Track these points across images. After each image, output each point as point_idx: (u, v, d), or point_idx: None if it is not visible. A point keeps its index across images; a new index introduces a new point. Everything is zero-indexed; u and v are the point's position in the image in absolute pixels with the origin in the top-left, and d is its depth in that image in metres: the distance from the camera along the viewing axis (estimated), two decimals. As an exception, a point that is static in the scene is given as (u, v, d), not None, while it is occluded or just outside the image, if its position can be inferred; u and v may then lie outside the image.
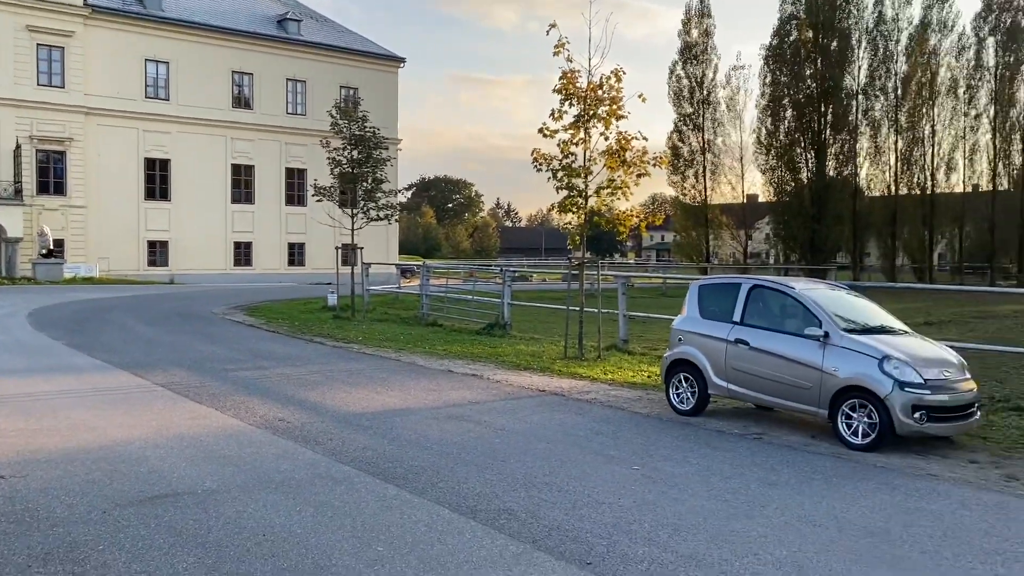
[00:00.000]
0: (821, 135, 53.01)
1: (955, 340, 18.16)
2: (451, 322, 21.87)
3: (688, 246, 59.35)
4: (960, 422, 8.41)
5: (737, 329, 9.58)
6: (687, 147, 56.72)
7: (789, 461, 7.79)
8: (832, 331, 8.70)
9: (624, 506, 6.20)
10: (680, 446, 8.32)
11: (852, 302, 9.80)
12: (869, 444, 8.27)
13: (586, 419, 9.62)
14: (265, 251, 50.83)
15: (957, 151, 60.24)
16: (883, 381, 8.19)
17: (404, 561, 5.04)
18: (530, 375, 13.13)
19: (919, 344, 8.95)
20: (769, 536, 5.60)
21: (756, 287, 9.72)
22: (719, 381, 9.70)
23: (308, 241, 51.36)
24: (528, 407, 10.36)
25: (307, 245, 51.80)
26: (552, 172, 15.56)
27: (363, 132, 23.57)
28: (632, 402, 10.87)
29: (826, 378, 8.63)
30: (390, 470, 7.17)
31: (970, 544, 5.52)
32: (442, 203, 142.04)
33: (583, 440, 8.47)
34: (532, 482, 6.80)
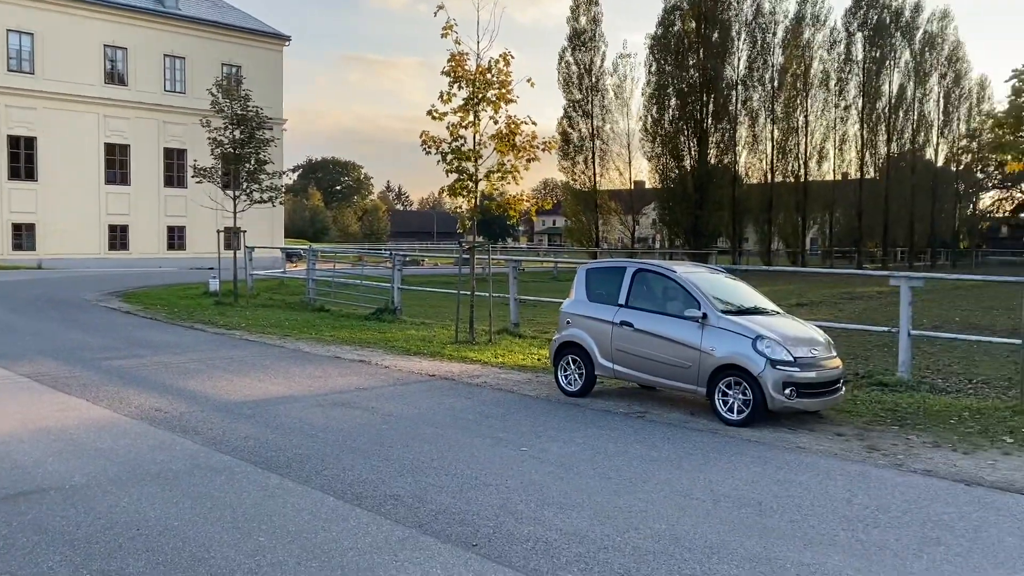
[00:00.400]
0: (703, 124, 54.76)
1: (824, 320, 19.20)
2: (339, 307, 21.53)
3: (578, 231, 60.35)
4: (827, 397, 8.90)
5: (622, 312, 9.82)
6: (577, 133, 57.51)
7: (669, 438, 8.05)
8: (710, 312, 9.03)
9: (511, 487, 6.27)
10: (567, 427, 8.47)
11: (729, 285, 10.19)
12: (744, 420, 8.65)
13: (475, 403, 9.66)
14: (143, 235, 48.55)
15: (828, 141, 63.50)
16: (756, 359, 8.58)
17: (286, 550, 4.94)
18: (420, 360, 13.08)
19: (790, 324, 9.41)
20: (649, 511, 5.78)
21: (640, 271, 9.97)
22: (605, 362, 9.92)
23: (189, 224, 49.37)
24: (417, 392, 10.32)
25: (188, 228, 49.79)
26: (442, 155, 15.48)
27: (246, 111, 22.81)
28: (522, 385, 10.99)
29: (704, 357, 8.96)
30: (273, 459, 7.00)
31: (834, 512, 5.86)
32: (330, 185, 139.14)
33: (472, 424, 8.51)
34: (419, 467, 6.79)
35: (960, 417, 9.22)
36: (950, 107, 72.75)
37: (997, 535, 5.44)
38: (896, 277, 12.07)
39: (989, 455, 7.63)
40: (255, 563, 4.76)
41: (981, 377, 12.81)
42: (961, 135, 76.04)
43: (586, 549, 5.03)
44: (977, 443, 8.07)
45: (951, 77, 71.58)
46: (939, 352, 15.67)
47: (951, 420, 9.08)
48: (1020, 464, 7.29)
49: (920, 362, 13.50)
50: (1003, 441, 8.17)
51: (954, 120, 74.42)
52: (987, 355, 15.29)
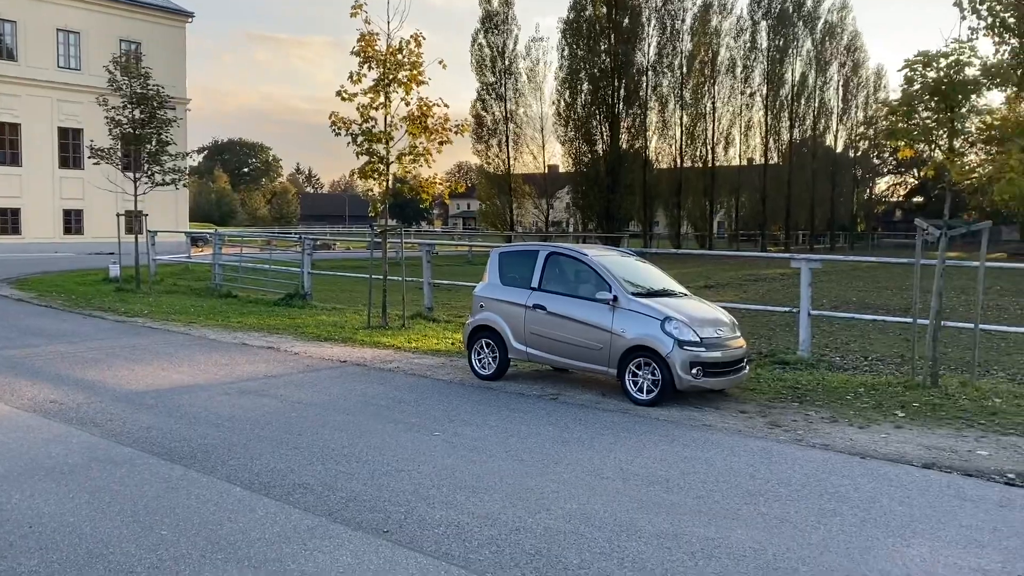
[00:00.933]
0: (615, 108, 55.49)
1: (730, 301, 19.77)
2: (247, 293, 21.01)
3: (493, 214, 60.45)
4: (732, 376, 9.18)
5: (535, 295, 9.88)
6: (490, 116, 57.51)
7: (581, 419, 8.16)
8: (620, 295, 9.17)
9: (424, 473, 6.24)
10: (480, 410, 8.48)
11: (639, 267, 10.37)
12: (653, 399, 8.84)
13: (388, 388, 9.57)
14: (36, 218, 46.16)
15: (734, 127, 65.36)
16: (665, 340, 8.76)
17: (190, 543, 4.79)
18: (331, 346, 12.87)
19: (696, 305, 9.64)
20: (561, 491, 5.85)
21: (553, 254, 10.04)
22: (519, 345, 9.97)
23: (87, 207, 47.16)
24: (328, 379, 10.15)
25: (86, 212, 47.57)
26: (352, 137, 15.21)
27: (146, 90, 21.88)
28: (435, 369, 10.94)
29: (615, 339, 9.10)
30: (177, 449, 6.78)
31: (737, 487, 6.05)
32: (237, 167, 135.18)
33: (384, 410, 8.42)
34: (330, 455, 6.68)
35: (856, 393, 9.64)
36: (849, 95, 75.82)
37: (888, 504, 5.71)
38: (797, 259, 12.50)
39: (882, 429, 8.00)
40: (156, 557, 4.60)
41: (876, 354, 13.42)
42: (859, 122, 79.34)
43: (498, 531, 5.05)
44: (872, 418, 8.46)
45: (850, 66, 74.54)
46: (837, 330, 16.36)
47: (848, 396, 9.49)
48: (910, 436, 7.68)
49: (819, 340, 14.06)
50: (895, 415, 8.58)
51: (852, 108, 77.60)
52: (881, 333, 16.05)
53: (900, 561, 4.71)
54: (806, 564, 4.64)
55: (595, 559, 4.66)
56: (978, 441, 7.54)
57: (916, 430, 7.93)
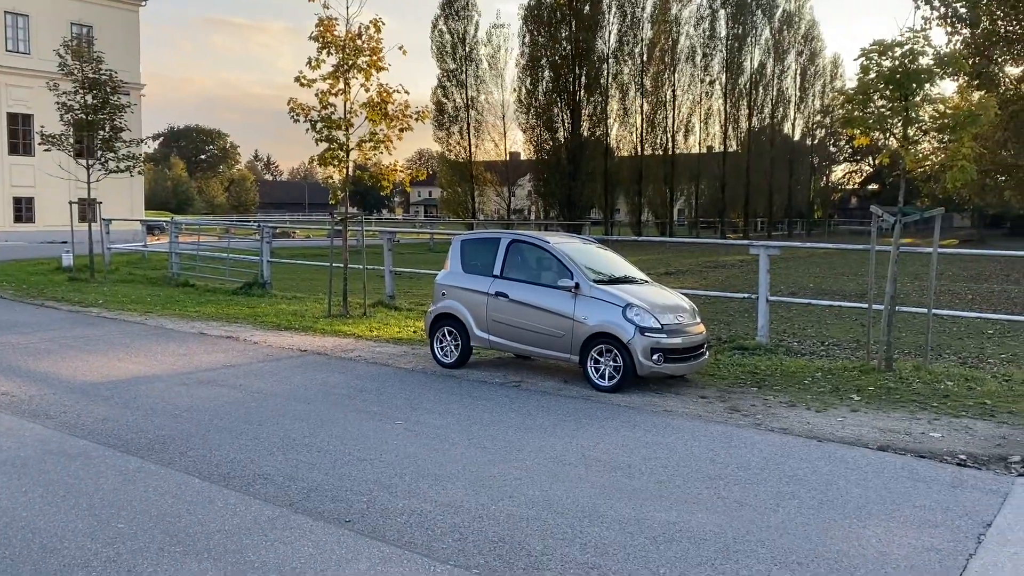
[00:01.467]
0: (576, 96, 55.54)
1: (691, 288, 19.97)
2: (205, 282, 20.73)
3: (454, 202, 60.22)
4: (692, 362, 9.27)
5: (497, 282, 9.87)
6: (451, 103, 57.19)
7: (544, 406, 8.18)
8: (582, 282, 9.20)
9: (386, 461, 6.21)
10: (443, 398, 8.46)
11: (601, 255, 10.41)
12: (614, 386, 8.90)
13: (349, 377, 9.50)
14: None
15: (694, 115, 65.82)
16: (626, 327, 8.81)
17: (148, 536, 4.71)
18: (291, 335, 12.74)
19: (657, 292, 9.71)
20: (524, 478, 5.86)
21: (514, 242, 10.03)
22: (481, 333, 9.96)
23: (38, 195, 46.05)
24: (288, 368, 10.05)
25: (37, 200, 46.45)
26: (311, 124, 15.04)
27: (98, 75, 21.36)
28: (397, 358, 10.89)
29: (577, 326, 9.13)
30: (134, 441, 6.66)
31: (698, 471, 6.12)
32: (194, 154, 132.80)
33: (345, 399, 8.36)
34: (290, 445, 6.62)
35: (814, 378, 9.80)
36: (806, 84, 76.79)
37: (845, 487, 5.82)
38: (755, 246, 12.64)
39: (839, 412, 8.15)
40: (113, 551, 4.52)
41: (832, 339, 13.66)
42: (816, 111, 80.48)
43: (461, 519, 5.04)
44: (828, 402, 8.61)
45: (807, 55, 75.46)
46: (795, 316, 16.62)
47: (805, 380, 9.64)
48: (866, 420, 7.83)
49: (777, 326, 14.26)
50: (851, 399, 8.75)
51: (810, 96, 78.65)
52: (837, 318, 16.34)
53: (856, 542, 4.80)
54: (764, 546, 4.71)
55: (558, 545, 4.68)
56: (931, 424, 7.71)
57: (871, 413, 8.09)
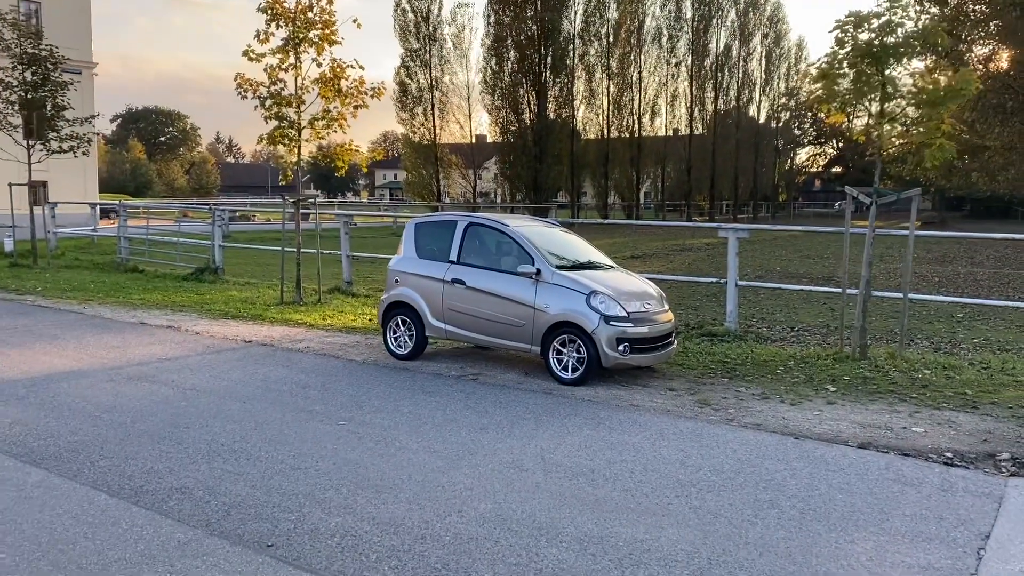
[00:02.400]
0: (542, 77, 54.76)
1: (657, 272, 19.51)
2: (155, 267, 19.85)
3: (419, 185, 59.24)
4: (660, 352, 8.73)
5: (454, 268, 9.24)
6: (415, 84, 56.11)
7: (502, 402, 7.60)
8: (544, 268, 8.61)
9: (322, 470, 5.58)
10: (393, 394, 7.84)
11: (564, 239, 9.82)
12: (578, 378, 8.34)
13: (294, 372, 8.82)
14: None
15: (661, 97, 65.42)
16: (590, 316, 8.25)
17: (31, 569, 4.05)
18: (238, 324, 12.02)
19: (623, 278, 9.15)
20: (476, 488, 5.28)
21: (472, 225, 9.41)
22: (437, 323, 9.34)
23: None
24: (229, 362, 9.34)
25: None
26: (260, 101, 14.26)
27: (38, 50, 20.24)
28: (348, 349, 10.24)
29: (538, 315, 8.55)
30: (40, 449, 5.95)
31: (668, 476, 5.58)
32: (153, 137, 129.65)
33: (287, 395, 7.70)
34: (218, 451, 5.96)
35: (786, 367, 9.34)
36: (771, 66, 76.74)
37: (828, 492, 5.32)
38: (724, 229, 12.15)
39: (815, 405, 7.67)
40: (-10, 589, 3.86)
41: (802, 324, 13.26)
42: (781, 93, 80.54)
43: (401, 540, 4.44)
44: (803, 393, 8.13)
45: (772, 37, 75.36)
46: (763, 300, 16.21)
47: (778, 370, 9.17)
48: (844, 413, 7.36)
49: (746, 311, 13.82)
50: (827, 390, 8.28)
51: (775, 79, 78.65)
52: (806, 302, 15.96)
53: (845, 561, 4.28)
54: (744, 569, 4.17)
55: (510, 571, 4.11)
56: (912, 417, 7.26)
57: (849, 406, 7.63)
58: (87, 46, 47.63)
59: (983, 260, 27.82)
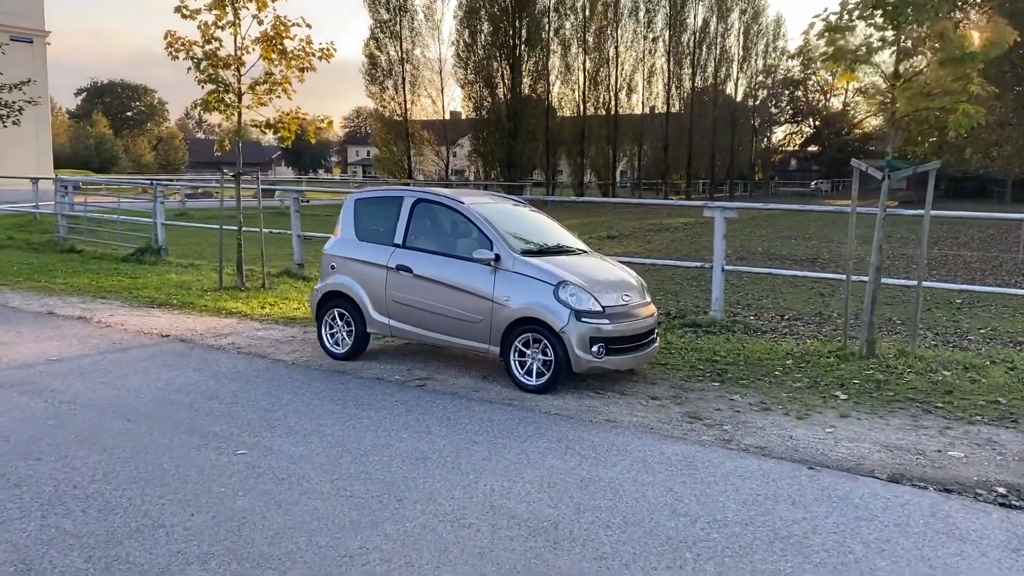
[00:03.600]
0: (516, 51, 53.11)
1: (635, 254, 18.23)
2: (95, 247, 18.26)
3: (390, 161, 57.46)
4: (641, 352, 7.40)
5: (399, 253, 7.85)
6: (385, 56, 54.21)
7: (451, 418, 6.24)
8: (504, 253, 7.25)
9: (195, 528, 4.19)
10: (317, 409, 6.45)
11: (531, 219, 8.45)
12: (544, 385, 7.01)
13: (205, 376, 7.40)
14: None
15: (637, 73, 63.97)
16: (558, 311, 6.91)
17: None
18: (162, 314, 10.55)
19: (598, 265, 7.81)
20: (396, 559, 3.91)
21: (421, 202, 7.99)
22: (379, 317, 7.96)
23: None
24: (132, 363, 7.89)
25: None
26: (194, 62, 12.70)
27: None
28: (281, 345, 8.83)
29: (497, 309, 7.19)
30: None
31: (655, 533, 4.27)
32: (119, 111, 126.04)
33: (185, 412, 6.28)
34: (64, 497, 4.54)
35: (784, 367, 8.09)
36: (749, 43, 75.48)
37: (865, 556, 4.03)
38: (711, 207, 10.87)
39: (825, 419, 6.41)
40: None
41: (792, 312, 12.05)
42: (759, 70, 79.38)
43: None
44: (809, 402, 6.87)
45: (751, 13, 74.03)
46: (746, 284, 14.98)
47: (776, 371, 7.92)
48: (862, 431, 6.10)
49: (729, 296, 12.56)
50: (836, 398, 7.03)
51: (753, 55, 77.49)
52: (792, 287, 14.74)
53: None
54: None
55: None
56: (943, 435, 6.01)
57: (866, 420, 6.37)
58: (39, 14, 45.28)
59: (968, 241, 26.85)
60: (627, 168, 74.57)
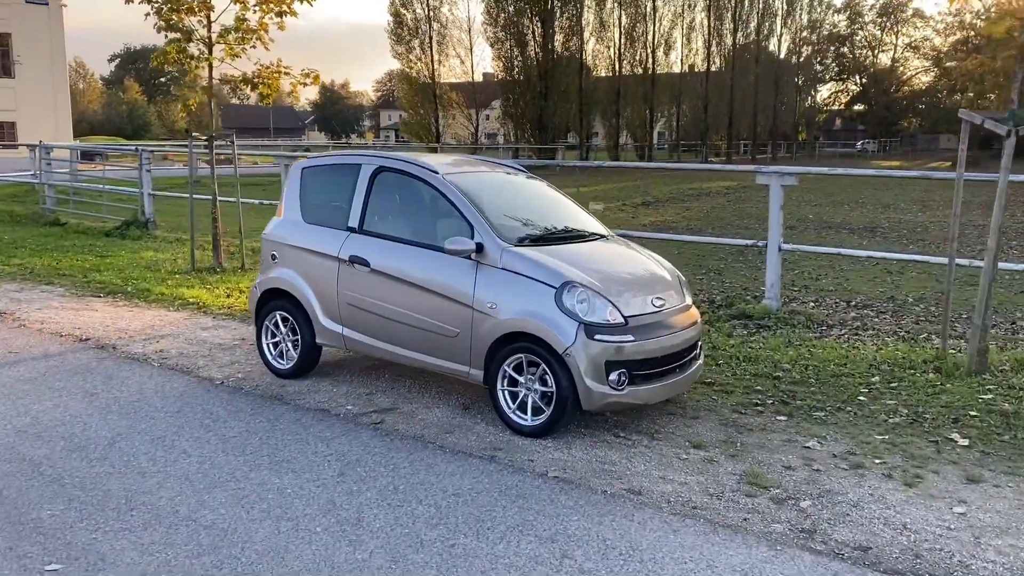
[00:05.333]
0: (548, 5, 50.44)
1: (674, 225, 16.09)
2: (81, 219, 16.72)
3: (417, 125, 55.48)
4: (678, 377, 5.36)
5: (354, 240, 5.91)
6: (411, 14, 52.02)
7: (402, 487, 4.32)
8: (489, 241, 5.27)
9: None
10: (215, 469, 4.57)
11: (530, 193, 6.42)
12: (542, 426, 5.07)
13: (93, 408, 5.54)
14: None
15: (676, 29, 60.95)
16: (562, 324, 4.92)
17: None
18: (101, 307, 8.80)
19: (620, 256, 5.79)
20: None
21: (383, 171, 6.00)
22: (331, 325, 6.04)
23: None
24: (9, 384, 6.08)
25: None
26: (153, 6, 10.86)
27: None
28: (220, 353, 6.97)
29: (480, 319, 5.24)
30: None
31: None
32: (153, 77, 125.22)
33: (21, 477, 4.43)
34: None
35: (869, 386, 6.06)
36: (794, -5, 71.77)
37: None
38: (765, 173, 8.78)
39: (946, 485, 4.39)
40: None
41: (859, 296, 9.96)
42: (803, 26, 75.63)
43: None
44: (916, 452, 4.84)
45: (797, -37, 70.24)
46: (800, 259, 12.80)
47: (860, 395, 5.89)
48: (1007, 509, 4.07)
49: (783, 275, 10.48)
50: (952, 444, 4.99)
51: (797, 10, 73.81)
52: (853, 262, 12.52)
53: None
54: None
55: None
56: None
57: (1009, 492, 4.33)
58: (55, -24, 43.95)
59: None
60: (664, 129, 71.57)
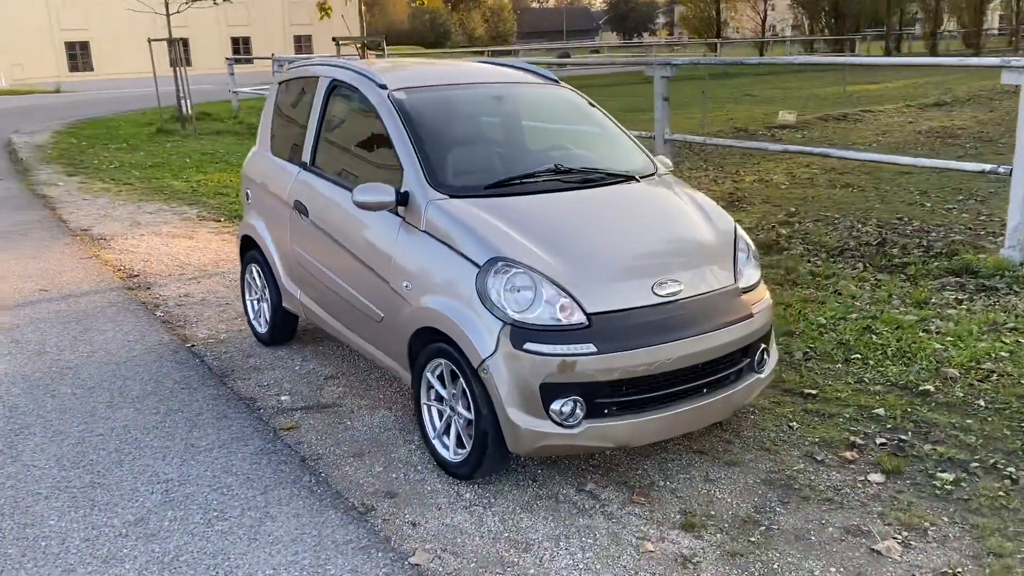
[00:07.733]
0: None
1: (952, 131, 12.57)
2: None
3: (696, 18, 51.62)
4: (692, 404, 3.30)
5: (302, 180, 4.52)
6: None
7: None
8: (418, 190, 3.61)
9: None
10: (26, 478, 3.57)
11: (547, 114, 4.53)
12: (465, 464, 3.43)
13: (28, 368, 4.82)
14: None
15: None
16: (477, 324, 3.18)
17: None
18: (206, 235, 8.33)
19: (636, 208, 3.73)
20: None
21: (337, 86, 4.48)
22: (291, 287, 4.75)
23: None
24: None
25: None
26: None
27: None
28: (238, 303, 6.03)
29: (398, 304, 3.64)
30: None
31: None
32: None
33: None
34: None
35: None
36: None
37: None
38: (1013, 68, 5.98)
39: None
40: None
41: None
42: None
43: None
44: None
45: None
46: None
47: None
48: None
49: None
50: None
51: None
52: None
53: None
54: None
55: None
56: None
57: None
58: None
59: None
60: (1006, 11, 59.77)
